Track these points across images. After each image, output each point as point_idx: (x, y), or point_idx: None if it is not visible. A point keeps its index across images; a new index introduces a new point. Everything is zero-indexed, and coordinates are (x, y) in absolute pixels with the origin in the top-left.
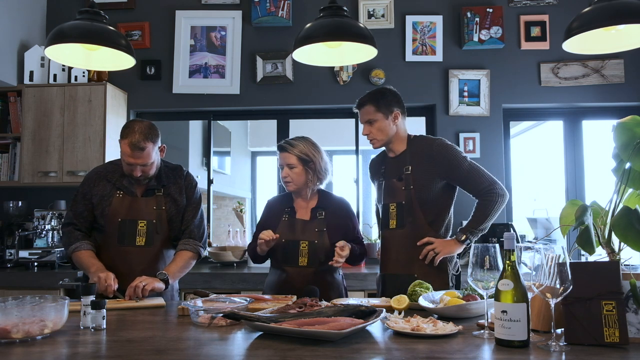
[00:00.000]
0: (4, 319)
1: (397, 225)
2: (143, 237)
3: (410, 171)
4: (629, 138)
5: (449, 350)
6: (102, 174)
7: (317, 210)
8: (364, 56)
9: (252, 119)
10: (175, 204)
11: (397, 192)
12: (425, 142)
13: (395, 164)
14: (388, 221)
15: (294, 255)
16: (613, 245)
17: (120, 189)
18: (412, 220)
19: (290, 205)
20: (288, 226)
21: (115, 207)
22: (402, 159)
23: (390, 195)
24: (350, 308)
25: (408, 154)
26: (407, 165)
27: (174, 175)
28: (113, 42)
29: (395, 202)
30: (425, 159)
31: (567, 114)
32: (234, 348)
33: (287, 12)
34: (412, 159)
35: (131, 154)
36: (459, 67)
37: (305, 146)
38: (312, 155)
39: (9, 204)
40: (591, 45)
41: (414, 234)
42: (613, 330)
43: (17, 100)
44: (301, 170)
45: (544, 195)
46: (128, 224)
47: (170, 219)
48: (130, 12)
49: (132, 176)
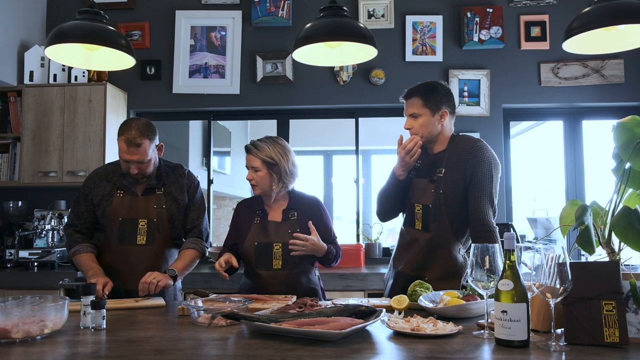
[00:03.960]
0: (4, 319)
1: (422, 228)
2: (144, 236)
3: (443, 174)
4: (629, 138)
5: (449, 350)
6: (102, 174)
7: (289, 211)
8: (364, 56)
9: (252, 119)
10: (176, 203)
11: (426, 194)
12: (466, 142)
13: (430, 163)
14: (414, 221)
15: (267, 258)
16: (613, 245)
17: (121, 188)
18: (437, 225)
19: (261, 207)
20: (260, 229)
21: (116, 207)
22: (438, 160)
23: (418, 195)
24: (350, 308)
25: (445, 155)
26: (441, 168)
27: (175, 174)
28: (113, 42)
29: (421, 203)
30: (461, 160)
31: (567, 114)
32: (234, 348)
33: (287, 12)
34: (448, 161)
35: (127, 150)
36: (459, 67)
37: (272, 149)
38: (278, 159)
39: (9, 204)
40: (591, 45)
41: (437, 239)
42: (613, 330)
43: (17, 100)
44: (265, 173)
45: (544, 195)
46: (129, 222)
47: (171, 218)
48: (130, 12)
49: (129, 174)
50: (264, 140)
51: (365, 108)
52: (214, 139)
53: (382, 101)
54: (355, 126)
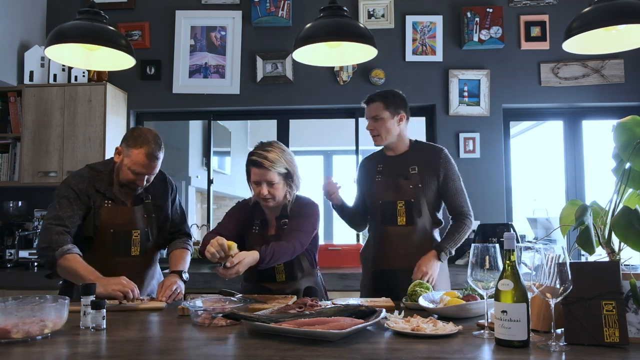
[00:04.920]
0: (4, 319)
1: (406, 222)
2: (137, 247)
3: (417, 171)
4: (629, 138)
5: (449, 350)
6: (89, 180)
7: (281, 219)
8: (364, 56)
9: (252, 119)
10: (161, 210)
11: (405, 190)
12: (432, 148)
13: (397, 163)
14: (395, 217)
15: (269, 272)
16: (613, 245)
17: (110, 198)
18: (421, 217)
19: (261, 216)
20: (259, 241)
21: (106, 218)
22: (405, 159)
23: (395, 193)
24: (350, 308)
25: (412, 156)
26: (413, 166)
27: (157, 180)
28: (113, 42)
29: (403, 199)
30: (432, 164)
31: (567, 114)
32: (234, 348)
33: (287, 12)
34: (417, 161)
35: (147, 164)
36: (459, 67)
37: (283, 157)
38: (292, 168)
39: (9, 204)
40: (591, 45)
41: (422, 230)
42: (613, 330)
43: (17, 100)
44: (282, 185)
45: (544, 195)
46: (122, 234)
47: (160, 226)
48: (130, 12)
49: (130, 185)
50: (268, 149)
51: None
52: (214, 139)
53: None
54: (355, 126)
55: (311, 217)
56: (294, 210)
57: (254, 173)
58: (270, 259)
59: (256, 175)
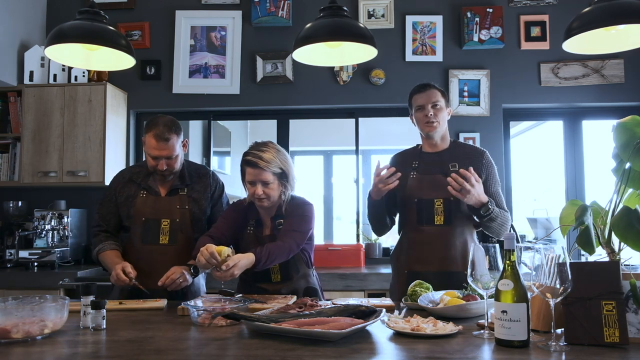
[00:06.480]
0: (4, 319)
1: (444, 222)
2: (167, 236)
3: (458, 168)
4: (629, 138)
5: (449, 350)
6: (127, 176)
7: (276, 219)
8: (364, 56)
9: (252, 119)
10: (197, 204)
11: (444, 188)
12: (474, 149)
13: (436, 159)
14: (432, 217)
15: (265, 272)
16: (613, 245)
17: (145, 188)
18: (459, 217)
19: (255, 216)
20: (254, 242)
21: (139, 207)
22: (444, 156)
23: (433, 190)
24: (350, 308)
25: (452, 154)
26: (454, 163)
27: (198, 174)
28: (113, 42)
29: (442, 197)
30: (474, 164)
31: (567, 114)
32: (234, 348)
33: (287, 12)
34: (458, 159)
35: (156, 145)
36: (459, 67)
37: (277, 157)
38: (286, 167)
39: (9, 204)
40: (591, 45)
41: (461, 231)
42: (613, 330)
43: (17, 100)
44: (277, 185)
45: (544, 195)
46: (152, 222)
47: (194, 218)
48: (130, 12)
49: (157, 171)
50: (263, 149)
51: (365, 108)
52: (214, 139)
53: (382, 101)
54: (355, 126)
55: (306, 216)
56: (289, 210)
57: (248, 173)
58: (266, 261)
59: (251, 175)
